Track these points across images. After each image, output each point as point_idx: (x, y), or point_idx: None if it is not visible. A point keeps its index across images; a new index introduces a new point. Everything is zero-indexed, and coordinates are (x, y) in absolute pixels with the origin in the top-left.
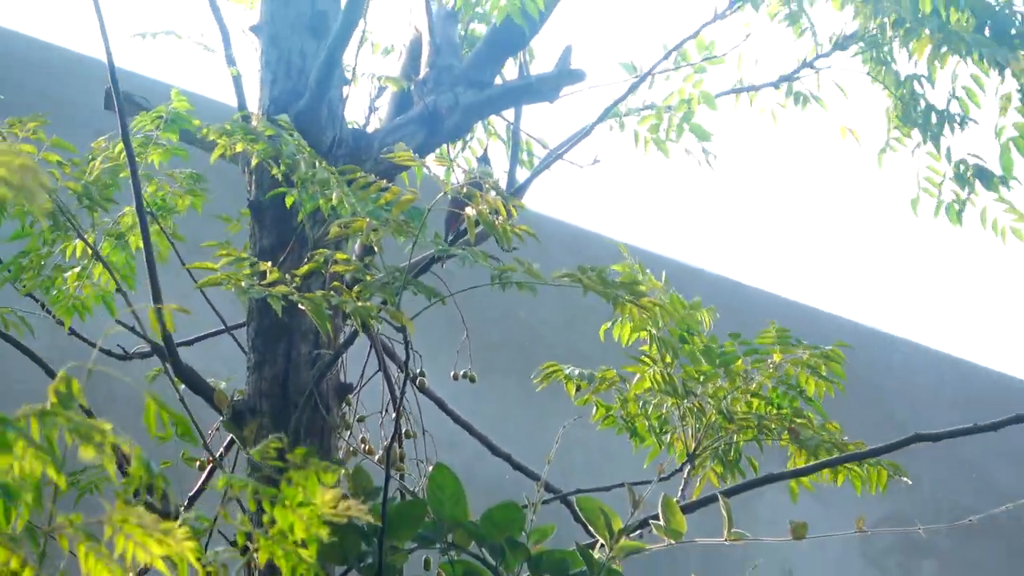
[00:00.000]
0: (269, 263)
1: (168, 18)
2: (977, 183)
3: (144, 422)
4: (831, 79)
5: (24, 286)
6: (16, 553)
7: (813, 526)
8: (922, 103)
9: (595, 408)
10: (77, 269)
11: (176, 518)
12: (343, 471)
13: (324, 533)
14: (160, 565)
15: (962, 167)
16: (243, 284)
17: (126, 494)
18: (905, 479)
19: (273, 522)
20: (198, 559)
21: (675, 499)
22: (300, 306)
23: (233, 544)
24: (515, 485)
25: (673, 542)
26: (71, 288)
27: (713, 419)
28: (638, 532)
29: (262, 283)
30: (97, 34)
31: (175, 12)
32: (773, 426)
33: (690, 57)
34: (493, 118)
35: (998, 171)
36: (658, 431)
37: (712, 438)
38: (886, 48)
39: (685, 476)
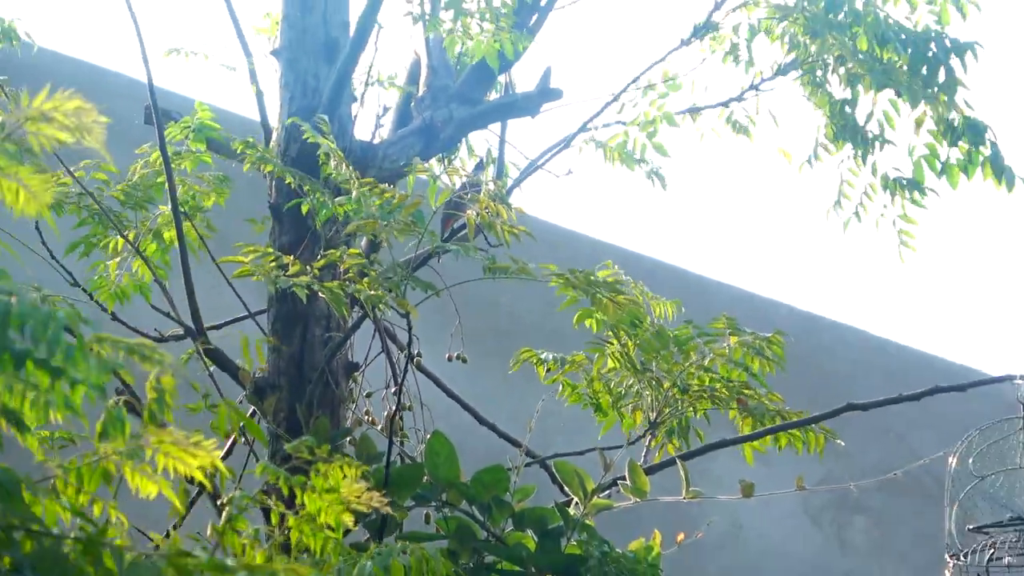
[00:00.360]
0: (292, 256)
1: (196, 40)
2: (896, 192)
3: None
4: (771, 103)
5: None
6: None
7: (760, 487)
8: (850, 123)
9: (561, 387)
10: (117, 259)
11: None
12: (350, 439)
13: (349, 520)
14: (199, 475)
15: (888, 179)
16: (271, 275)
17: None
18: (839, 443)
19: (303, 506)
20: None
21: (639, 463)
22: (320, 294)
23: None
24: (501, 451)
25: (638, 500)
26: (112, 276)
27: (670, 391)
28: (608, 492)
29: (287, 274)
30: (135, 56)
31: (203, 36)
32: (724, 396)
33: (656, 86)
34: (479, 135)
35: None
36: (618, 405)
37: (669, 409)
38: (820, 74)
39: (647, 443)
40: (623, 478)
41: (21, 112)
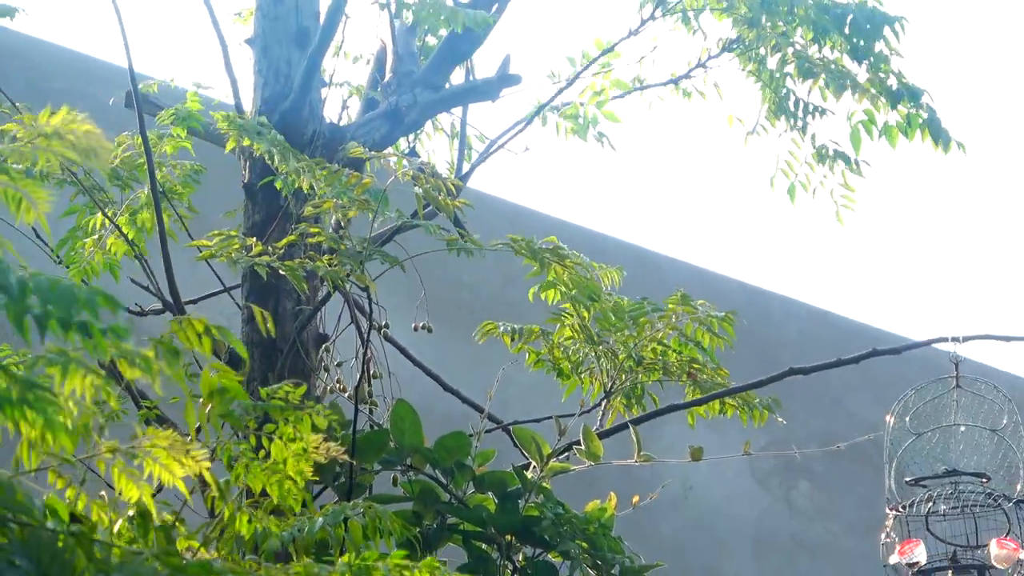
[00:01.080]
0: (254, 238)
1: (176, 27)
2: (829, 164)
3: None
4: (717, 78)
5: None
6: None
7: (709, 452)
8: (792, 97)
9: (527, 355)
10: (95, 237)
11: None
12: (321, 407)
13: (308, 469)
14: (181, 485)
15: (823, 150)
16: (233, 256)
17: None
18: (779, 419)
19: (268, 455)
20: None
21: (593, 428)
22: (281, 272)
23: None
24: (463, 417)
25: (592, 464)
26: (86, 254)
27: (624, 362)
28: (564, 455)
29: (249, 255)
30: (115, 42)
31: (182, 22)
32: (675, 368)
33: (608, 65)
34: (442, 118)
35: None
36: (579, 371)
37: (623, 379)
38: (762, 51)
39: (602, 409)
40: (578, 443)
41: (37, 128)
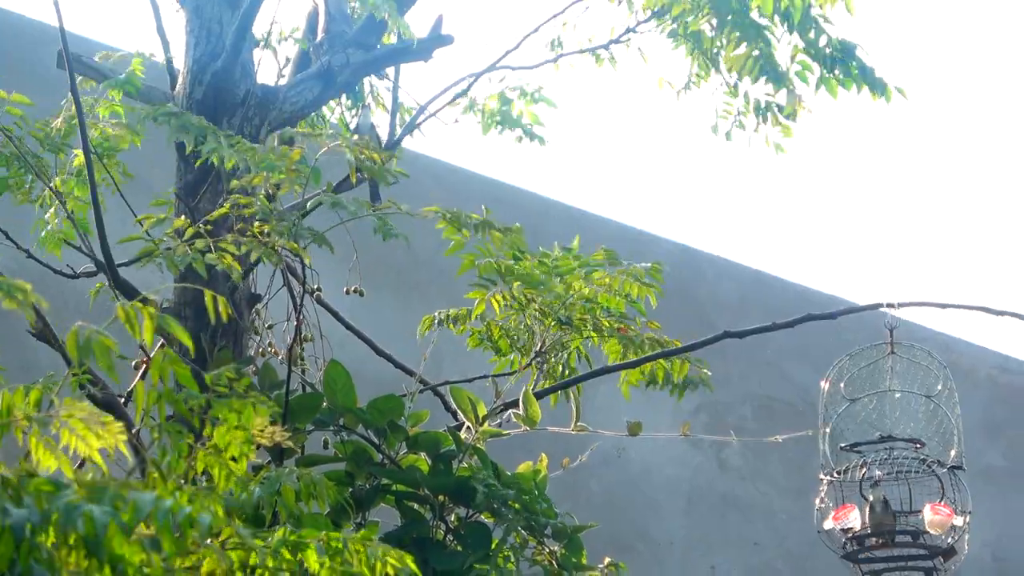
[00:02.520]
0: (196, 197)
1: None
2: (761, 116)
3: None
4: (644, 43)
5: None
6: None
7: (641, 412)
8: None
9: (470, 334)
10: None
11: (117, 410)
12: (253, 367)
13: (252, 453)
14: (97, 457)
15: (758, 103)
16: (173, 257)
17: (73, 383)
18: (706, 372)
19: (211, 437)
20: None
21: (529, 389)
22: (217, 266)
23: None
24: (396, 379)
25: (528, 429)
26: (53, 226)
27: (550, 324)
28: (500, 419)
29: (183, 241)
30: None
31: None
32: (605, 327)
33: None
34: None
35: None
36: (516, 345)
37: (553, 340)
38: (692, 19)
39: (534, 371)
40: (515, 404)
41: None
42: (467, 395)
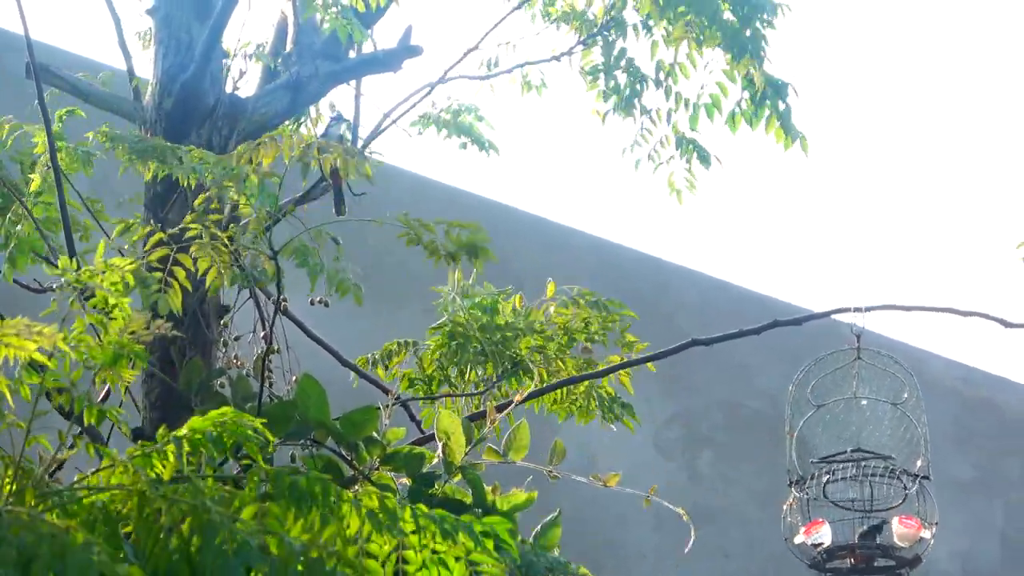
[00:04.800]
0: (157, 225)
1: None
2: (683, 151)
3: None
4: (576, 66)
5: None
6: None
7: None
8: (648, 84)
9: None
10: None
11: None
12: (224, 377)
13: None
14: (38, 356)
15: (683, 138)
16: (152, 298)
17: None
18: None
19: None
20: None
21: (497, 403)
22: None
23: None
24: (363, 391)
25: (514, 462)
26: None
27: (501, 365)
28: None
29: (144, 252)
30: (11, 9)
31: None
32: (560, 368)
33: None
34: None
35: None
36: (449, 381)
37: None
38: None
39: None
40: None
41: None
42: (451, 418)
